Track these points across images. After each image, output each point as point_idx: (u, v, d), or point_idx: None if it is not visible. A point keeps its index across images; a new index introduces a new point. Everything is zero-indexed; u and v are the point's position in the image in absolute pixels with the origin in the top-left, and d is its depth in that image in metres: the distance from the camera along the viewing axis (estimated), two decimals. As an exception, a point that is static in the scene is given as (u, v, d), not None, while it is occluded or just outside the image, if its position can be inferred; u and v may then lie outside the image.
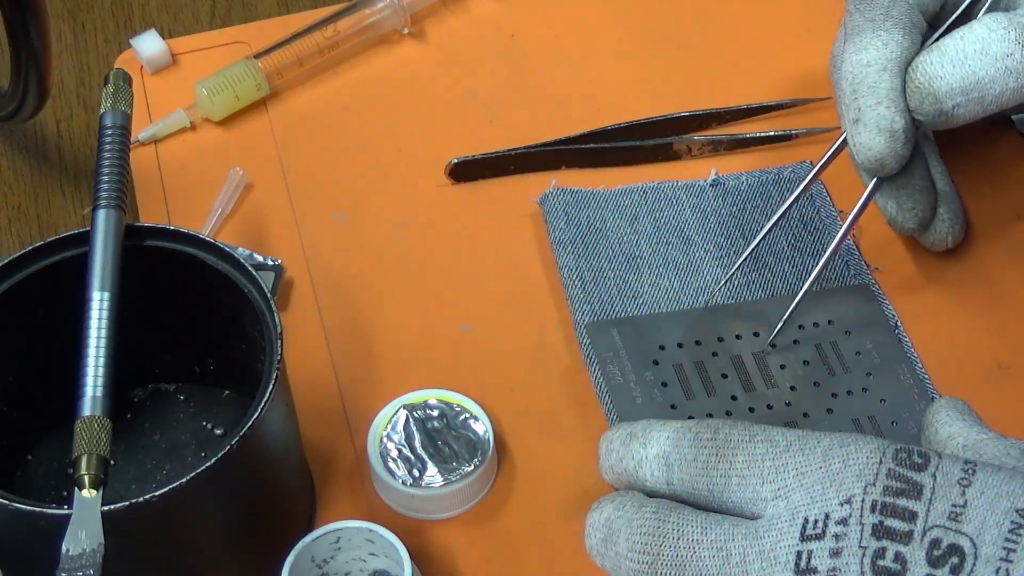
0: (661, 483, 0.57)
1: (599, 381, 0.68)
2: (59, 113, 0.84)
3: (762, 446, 0.55)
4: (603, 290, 0.71)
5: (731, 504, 0.55)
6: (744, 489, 0.55)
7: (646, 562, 0.55)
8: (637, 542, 0.55)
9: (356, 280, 0.73)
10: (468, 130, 0.79)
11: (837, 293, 0.71)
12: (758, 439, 0.55)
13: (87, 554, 0.52)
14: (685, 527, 0.55)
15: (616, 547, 0.56)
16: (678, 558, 0.54)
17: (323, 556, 0.60)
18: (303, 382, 0.65)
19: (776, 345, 0.69)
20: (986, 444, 0.56)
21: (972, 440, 0.56)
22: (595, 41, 0.83)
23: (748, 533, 0.54)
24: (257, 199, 0.77)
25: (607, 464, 0.59)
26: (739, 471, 0.55)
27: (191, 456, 0.66)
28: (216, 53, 0.83)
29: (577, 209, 0.75)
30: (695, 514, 0.55)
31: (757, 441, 0.55)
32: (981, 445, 0.56)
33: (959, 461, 0.52)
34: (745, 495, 0.55)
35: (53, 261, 0.61)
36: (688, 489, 0.56)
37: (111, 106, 0.63)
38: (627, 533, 0.56)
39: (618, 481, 0.59)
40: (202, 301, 0.63)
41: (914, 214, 0.69)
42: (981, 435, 0.57)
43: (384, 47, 0.84)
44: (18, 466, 0.66)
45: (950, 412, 0.58)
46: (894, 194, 0.69)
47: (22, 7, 0.71)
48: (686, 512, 0.55)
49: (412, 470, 0.64)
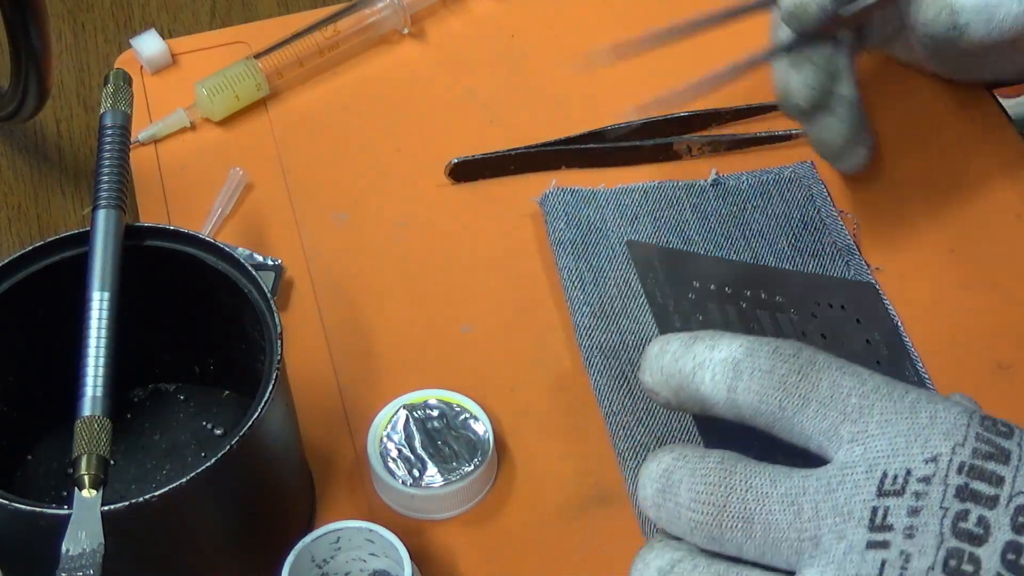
0: (721, 389, 0.54)
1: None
2: (59, 113, 0.84)
3: (849, 379, 0.52)
4: (603, 291, 0.71)
5: (800, 430, 0.53)
6: (821, 419, 0.52)
7: (711, 513, 0.52)
8: (701, 492, 0.52)
9: (356, 280, 0.73)
10: (468, 130, 0.79)
11: (847, 284, 0.71)
12: (845, 371, 0.53)
13: (87, 554, 0.52)
14: (753, 479, 0.52)
15: (676, 497, 0.53)
16: (746, 511, 0.52)
17: (323, 556, 0.60)
18: (303, 382, 0.65)
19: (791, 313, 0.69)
20: None
21: None
22: (595, 41, 0.83)
23: (820, 487, 0.51)
24: (257, 199, 0.77)
25: (657, 365, 0.56)
26: (821, 397, 0.52)
27: (191, 456, 0.66)
28: (216, 53, 0.83)
29: (577, 209, 0.75)
30: (762, 466, 0.53)
31: (844, 373, 0.53)
32: None
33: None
34: (821, 426, 0.52)
35: (53, 261, 0.61)
36: (754, 401, 0.53)
37: (111, 106, 0.63)
38: (689, 483, 0.53)
39: (664, 385, 0.56)
40: (202, 301, 0.63)
41: (809, 89, 0.68)
42: None
43: (384, 47, 0.84)
44: (18, 466, 0.66)
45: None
46: (797, 63, 0.68)
47: (22, 7, 0.71)
48: (753, 463, 0.53)
49: (412, 470, 0.64)
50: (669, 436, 0.66)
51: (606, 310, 0.71)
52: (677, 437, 0.66)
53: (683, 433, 0.66)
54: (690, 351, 0.55)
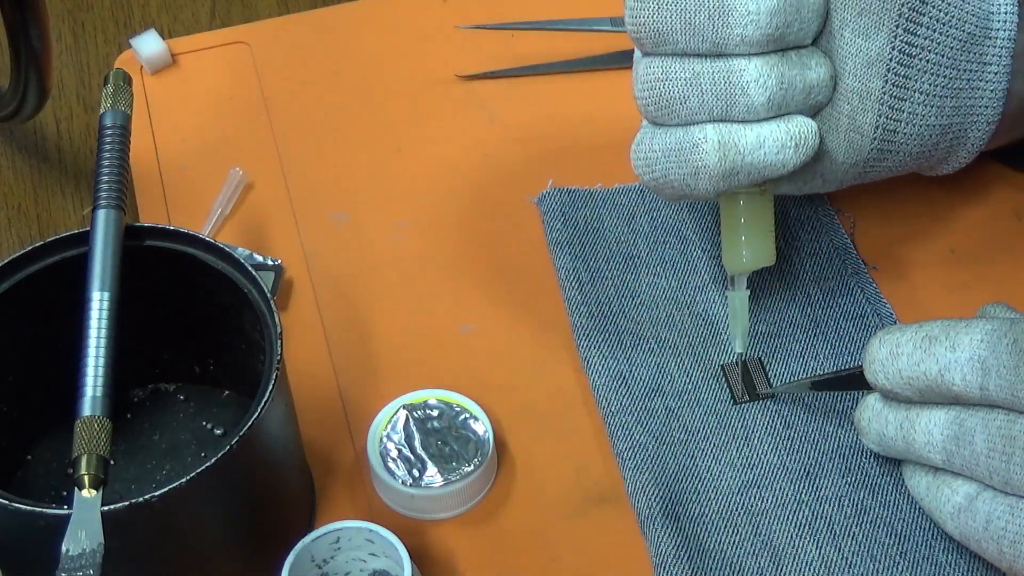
0: (974, 388, 0.56)
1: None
2: (59, 113, 0.84)
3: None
4: (600, 291, 0.71)
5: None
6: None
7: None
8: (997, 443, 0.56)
9: (356, 280, 0.73)
10: (468, 130, 0.79)
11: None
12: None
13: (87, 554, 0.52)
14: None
15: (972, 447, 0.56)
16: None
17: (323, 556, 0.60)
18: (303, 382, 0.65)
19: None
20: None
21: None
22: (595, 40, 0.83)
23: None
24: (257, 199, 0.77)
25: (893, 368, 0.59)
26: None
27: (191, 456, 0.66)
28: (216, 53, 0.83)
29: (574, 209, 0.75)
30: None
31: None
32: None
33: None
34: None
35: (53, 261, 0.61)
36: (1007, 398, 0.55)
37: (111, 106, 0.63)
38: (984, 435, 0.56)
39: (906, 387, 0.59)
40: (202, 301, 0.63)
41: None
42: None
43: (384, 47, 0.84)
44: (18, 466, 0.66)
45: (1004, 307, 0.61)
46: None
47: (22, 7, 0.71)
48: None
49: (412, 470, 0.64)
50: (668, 436, 0.66)
51: (604, 310, 0.71)
52: (676, 437, 0.66)
53: (683, 433, 0.66)
54: (930, 354, 0.58)
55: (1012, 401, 0.55)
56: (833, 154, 0.64)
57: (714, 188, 0.63)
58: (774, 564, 0.62)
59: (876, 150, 0.63)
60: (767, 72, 0.61)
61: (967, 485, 0.58)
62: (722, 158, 0.62)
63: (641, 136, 0.65)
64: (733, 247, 0.66)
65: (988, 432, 0.56)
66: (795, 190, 0.66)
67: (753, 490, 0.64)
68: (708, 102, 0.61)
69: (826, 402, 0.67)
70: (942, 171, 0.67)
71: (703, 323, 0.70)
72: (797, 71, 0.61)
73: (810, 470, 0.65)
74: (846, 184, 0.66)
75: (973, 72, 0.62)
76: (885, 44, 0.61)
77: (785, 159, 0.62)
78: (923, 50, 0.61)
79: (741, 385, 0.68)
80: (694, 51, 0.61)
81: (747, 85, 0.61)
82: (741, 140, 0.61)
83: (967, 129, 0.64)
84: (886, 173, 0.66)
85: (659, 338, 0.70)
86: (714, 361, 0.69)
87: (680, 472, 0.65)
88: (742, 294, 0.67)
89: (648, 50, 0.63)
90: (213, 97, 0.82)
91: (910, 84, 0.62)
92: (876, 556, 0.62)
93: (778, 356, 0.69)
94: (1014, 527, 0.56)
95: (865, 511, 0.63)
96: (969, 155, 0.65)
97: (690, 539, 0.63)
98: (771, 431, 0.66)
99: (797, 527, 0.63)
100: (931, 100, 0.62)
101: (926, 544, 0.62)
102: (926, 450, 0.59)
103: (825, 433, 0.66)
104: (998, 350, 0.56)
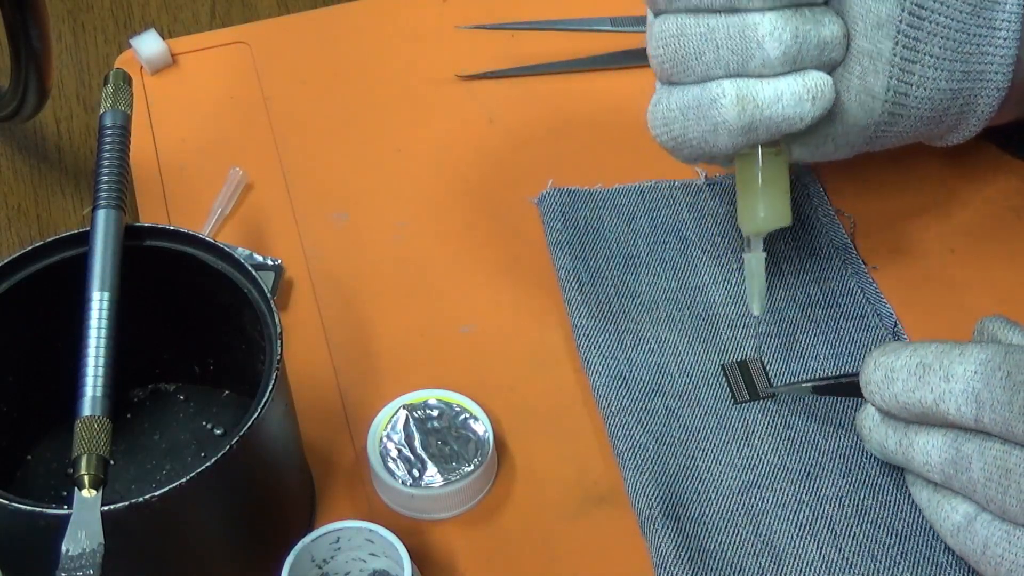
0: (969, 419, 0.56)
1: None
2: (59, 113, 0.84)
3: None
4: (600, 291, 0.71)
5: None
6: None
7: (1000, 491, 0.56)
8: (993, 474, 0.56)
9: (356, 280, 0.73)
10: (468, 130, 0.79)
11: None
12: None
13: (87, 554, 0.52)
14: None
15: (968, 473, 0.57)
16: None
17: (323, 556, 0.60)
18: (303, 382, 0.65)
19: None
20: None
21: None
22: (595, 40, 0.83)
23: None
24: (257, 199, 0.77)
25: (889, 393, 0.59)
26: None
27: (191, 456, 0.66)
28: (216, 53, 0.83)
29: (574, 209, 0.75)
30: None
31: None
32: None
33: None
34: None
35: (53, 261, 0.61)
36: (1002, 430, 0.55)
37: (111, 106, 0.63)
38: (981, 463, 0.56)
39: (902, 411, 0.59)
40: (202, 301, 0.63)
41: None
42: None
43: (384, 47, 0.84)
44: (18, 466, 0.66)
45: (1003, 322, 0.60)
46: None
47: (22, 7, 0.71)
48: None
49: (412, 470, 0.64)
50: (668, 436, 0.66)
51: (604, 310, 0.71)
52: (676, 437, 0.66)
53: (683, 433, 0.66)
54: (924, 383, 0.58)
55: (1007, 434, 0.55)
56: (845, 116, 0.64)
57: (733, 144, 0.63)
58: (775, 564, 0.62)
59: (887, 113, 0.63)
60: (782, 26, 0.61)
61: (966, 504, 0.58)
62: (741, 112, 0.62)
63: (657, 97, 0.65)
64: (750, 208, 0.66)
65: (984, 461, 0.56)
66: (807, 155, 0.66)
67: (753, 490, 0.64)
68: (724, 56, 0.61)
69: (827, 403, 0.67)
70: (951, 141, 0.67)
71: (703, 323, 0.70)
72: (811, 26, 0.61)
73: (811, 470, 0.65)
74: (856, 150, 0.66)
75: (983, 37, 0.62)
76: (895, 6, 0.61)
77: (803, 112, 0.62)
78: (933, 12, 0.61)
79: (742, 385, 0.68)
80: (707, 7, 0.61)
81: (762, 39, 0.61)
82: (759, 94, 0.62)
83: (977, 95, 0.64)
84: (896, 140, 0.66)
85: (659, 338, 0.70)
86: (714, 361, 0.69)
87: (680, 472, 0.65)
88: (759, 255, 0.67)
89: (662, 7, 0.63)
90: (213, 97, 0.82)
91: (920, 47, 0.62)
92: (877, 556, 0.62)
93: (778, 356, 0.69)
94: (1011, 556, 0.56)
95: (866, 511, 0.63)
96: (979, 123, 0.65)
97: (690, 539, 0.63)
98: (771, 431, 0.66)
99: (798, 527, 0.63)
100: (941, 64, 0.62)
101: (927, 544, 0.62)
102: (924, 469, 0.59)
103: (826, 433, 0.66)
104: (992, 383, 0.56)
